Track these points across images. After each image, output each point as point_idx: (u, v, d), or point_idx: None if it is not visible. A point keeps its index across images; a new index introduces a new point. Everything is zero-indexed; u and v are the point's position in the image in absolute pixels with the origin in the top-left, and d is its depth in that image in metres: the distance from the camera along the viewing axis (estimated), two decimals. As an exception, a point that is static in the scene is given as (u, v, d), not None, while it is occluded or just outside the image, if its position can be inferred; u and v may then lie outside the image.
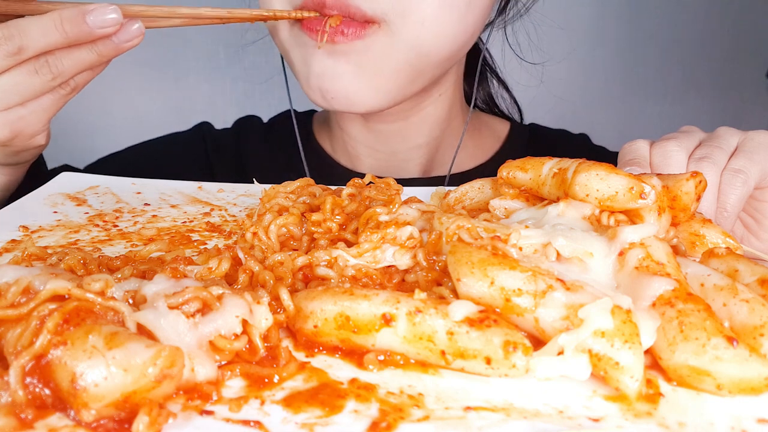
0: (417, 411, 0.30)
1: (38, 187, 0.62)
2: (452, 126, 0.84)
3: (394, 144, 0.81)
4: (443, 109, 0.80)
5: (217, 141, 0.91)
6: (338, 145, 0.86)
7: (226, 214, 0.59)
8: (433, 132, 0.81)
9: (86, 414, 0.27)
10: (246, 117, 0.96)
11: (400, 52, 0.63)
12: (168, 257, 0.44)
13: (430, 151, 0.82)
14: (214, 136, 0.92)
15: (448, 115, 0.81)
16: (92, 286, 0.32)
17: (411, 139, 0.80)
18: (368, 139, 0.81)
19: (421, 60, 0.65)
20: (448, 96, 0.80)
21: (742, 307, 0.34)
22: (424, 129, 0.80)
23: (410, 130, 0.79)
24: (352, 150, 0.83)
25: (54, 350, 0.28)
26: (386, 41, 0.61)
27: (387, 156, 0.82)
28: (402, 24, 0.61)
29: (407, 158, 0.82)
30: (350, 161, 0.85)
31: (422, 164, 0.83)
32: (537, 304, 0.34)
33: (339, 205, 0.49)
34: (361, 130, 0.80)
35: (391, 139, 0.80)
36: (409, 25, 0.61)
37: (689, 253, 0.44)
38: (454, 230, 0.41)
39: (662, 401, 0.32)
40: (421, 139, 0.80)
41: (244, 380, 0.32)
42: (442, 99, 0.79)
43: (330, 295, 0.35)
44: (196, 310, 0.32)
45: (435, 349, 0.33)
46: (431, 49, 0.64)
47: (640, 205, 0.40)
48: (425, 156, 0.82)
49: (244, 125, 0.94)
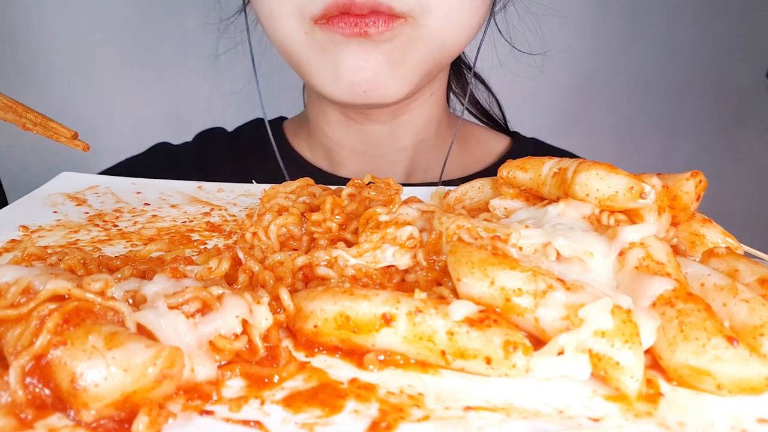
0: (417, 411, 0.30)
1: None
2: (437, 130, 0.83)
3: (380, 146, 0.80)
4: (431, 110, 0.80)
5: (176, 158, 0.91)
6: (318, 150, 0.85)
7: (226, 213, 0.59)
8: (420, 134, 0.81)
9: (86, 414, 0.27)
10: (208, 129, 0.95)
11: (425, 44, 0.64)
12: (168, 257, 0.44)
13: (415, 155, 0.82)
14: (173, 154, 0.92)
15: (435, 117, 0.81)
16: (92, 286, 0.32)
17: (399, 141, 0.80)
18: (353, 143, 0.81)
19: (442, 51, 0.66)
20: (437, 97, 0.80)
21: (742, 307, 0.34)
22: (412, 130, 0.80)
23: (399, 131, 0.79)
24: (335, 155, 0.83)
25: (54, 350, 0.28)
26: (411, 33, 0.62)
27: (372, 159, 0.81)
28: (428, 17, 0.62)
29: (393, 161, 0.82)
30: (331, 166, 0.84)
31: (407, 168, 0.83)
32: (537, 304, 0.34)
33: (339, 205, 0.49)
34: (345, 133, 0.80)
35: (378, 141, 0.80)
36: (434, 19, 0.62)
37: (689, 252, 0.44)
38: (454, 230, 0.41)
39: (662, 401, 0.32)
40: (409, 141, 0.80)
41: (244, 380, 0.32)
42: (432, 99, 0.79)
43: (330, 295, 0.35)
44: (196, 310, 0.32)
45: (435, 349, 0.33)
46: (453, 41, 0.66)
47: (640, 204, 0.40)
48: (410, 159, 0.82)
49: (205, 138, 0.93)
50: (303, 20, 0.62)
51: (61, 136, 0.53)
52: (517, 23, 0.87)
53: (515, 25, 0.87)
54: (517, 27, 0.87)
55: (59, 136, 0.53)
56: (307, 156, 0.86)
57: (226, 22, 0.86)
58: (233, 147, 0.91)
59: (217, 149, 0.91)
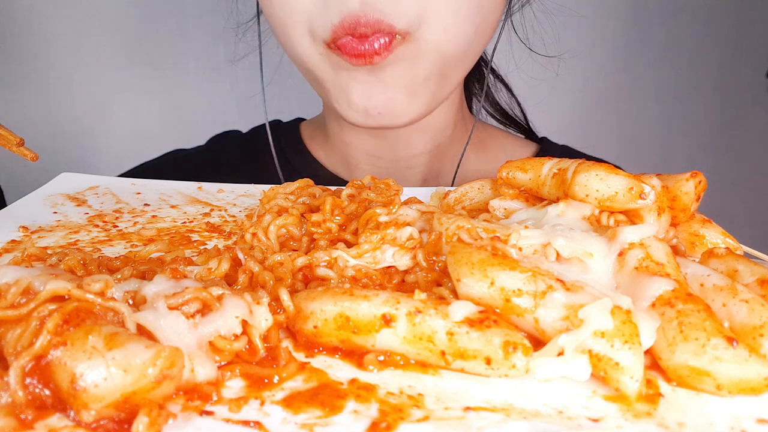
0: (417, 411, 0.30)
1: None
2: (456, 134, 0.83)
3: (398, 151, 0.80)
4: (449, 114, 0.80)
5: (189, 163, 0.91)
6: (334, 154, 0.85)
7: (225, 214, 0.59)
8: (436, 138, 0.80)
9: (86, 414, 0.27)
10: (223, 132, 0.95)
11: (427, 58, 0.63)
12: (168, 258, 0.44)
13: (432, 160, 0.82)
14: (186, 158, 0.92)
15: (453, 121, 0.81)
16: (92, 287, 0.32)
17: (415, 146, 0.80)
18: (370, 147, 0.81)
19: (445, 64, 0.65)
20: (453, 101, 0.80)
21: (742, 308, 0.34)
22: (429, 135, 0.80)
23: (415, 136, 0.79)
24: (352, 159, 0.82)
25: (54, 351, 0.28)
26: (411, 48, 0.62)
27: (388, 164, 0.81)
28: (426, 31, 0.61)
29: (409, 166, 0.81)
30: (347, 170, 0.84)
31: (423, 173, 0.82)
32: (537, 305, 0.34)
33: (339, 205, 0.49)
34: (364, 138, 0.80)
35: (395, 146, 0.80)
36: (432, 33, 0.62)
37: (689, 253, 0.44)
38: (454, 231, 0.41)
39: (662, 401, 0.32)
40: (425, 146, 0.80)
41: (244, 381, 0.32)
42: (448, 103, 0.79)
43: (330, 295, 0.35)
44: (196, 310, 0.32)
45: (435, 349, 0.33)
46: (453, 52, 0.65)
47: (639, 205, 0.40)
48: (426, 164, 0.82)
49: (219, 141, 0.93)
50: (316, 42, 0.62)
51: (8, 143, 0.51)
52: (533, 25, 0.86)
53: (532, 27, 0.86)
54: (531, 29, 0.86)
55: (6, 143, 0.51)
56: (322, 160, 0.86)
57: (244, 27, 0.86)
58: (247, 150, 0.91)
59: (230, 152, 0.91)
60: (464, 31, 0.64)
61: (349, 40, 0.59)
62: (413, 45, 0.62)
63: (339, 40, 0.60)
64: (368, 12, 0.58)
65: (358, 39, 0.59)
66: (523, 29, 0.85)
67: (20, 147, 0.51)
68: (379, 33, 0.59)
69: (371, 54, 0.59)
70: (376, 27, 0.59)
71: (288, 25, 0.64)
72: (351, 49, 0.60)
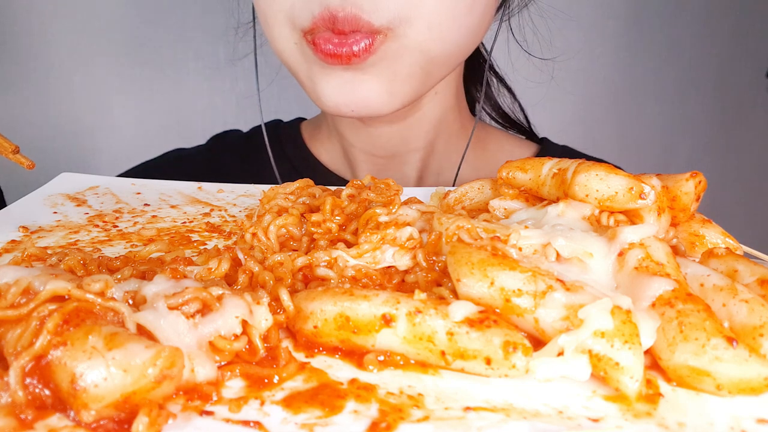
0: (417, 411, 0.30)
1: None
2: (448, 131, 0.83)
3: (392, 147, 0.80)
4: (439, 109, 0.80)
5: (189, 162, 0.91)
6: (334, 152, 0.85)
7: (225, 214, 0.59)
8: (429, 134, 0.81)
9: (86, 414, 0.27)
10: (223, 132, 0.95)
11: (411, 57, 0.63)
12: (168, 258, 0.44)
13: (426, 156, 0.82)
14: (186, 158, 0.92)
15: (444, 116, 0.81)
16: (92, 287, 0.32)
17: (409, 142, 0.80)
18: (365, 144, 0.81)
19: (430, 63, 0.65)
20: (444, 95, 0.80)
21: (742, 308, 0.34)
22: (423, 130, 0.80)
23: (409, 132, 0.79)
24: (350, 156, 0.83)
25: (54, 351, 0.28)
26: (394, 47, 0.61)
27: (384, 161, 0.81)
28: (408, 29, 0.60)
29: (404, 162, 0.82)
30: (347, 168, 0.84)
31: (418, 169, 0.82)
32: (537, 305, 0.34)
33: (339, 205, 0.49)
34: (357, 134, 0.80)
35: (388, 142, 0.80)
36: (416, 31, 0.61)
37: (689, 253, 0.44)
38: (454, 231, 0.41)
39: (662, 401, 0.32)
40: (419, 142, 0.80)
41: (244, 381, 0.32)
42: (439, 98, 0.79)
43: (330, 295, 0.35)
44: (196, 310, 0.32)
45: (435, 349, 0.33)
46: (439, 52, 0.64)
47: (639, 205, 0.40)
48: (420, 161, 0.82)
49: (220, 141, 0.93)
50: (294, 30, 0.62)
51: (4, 150, 0.51)
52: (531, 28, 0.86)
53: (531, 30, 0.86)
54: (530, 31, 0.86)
55: (2, 150, 0.51)
56: (323, 158, 0.86)
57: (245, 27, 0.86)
58: (248, 149, 0.91)
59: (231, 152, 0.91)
60: (449, 29, 0.63)
61: (329, 35, 0.59)
62: (395, 43, 0.61)
63: (318, 32, 0.60)
64: (347, 7, 0.57)
65: (338, 35, 0.59)
66: (521, 32, 0.85)
67: (16, 154, 0.51)
68: (358, 31, 0.59)
69: (349, 56, 0.59)
70: (354, 23, 0.58)
71: (269, 15, 0.64)
72: (328, 50, 0.59)
